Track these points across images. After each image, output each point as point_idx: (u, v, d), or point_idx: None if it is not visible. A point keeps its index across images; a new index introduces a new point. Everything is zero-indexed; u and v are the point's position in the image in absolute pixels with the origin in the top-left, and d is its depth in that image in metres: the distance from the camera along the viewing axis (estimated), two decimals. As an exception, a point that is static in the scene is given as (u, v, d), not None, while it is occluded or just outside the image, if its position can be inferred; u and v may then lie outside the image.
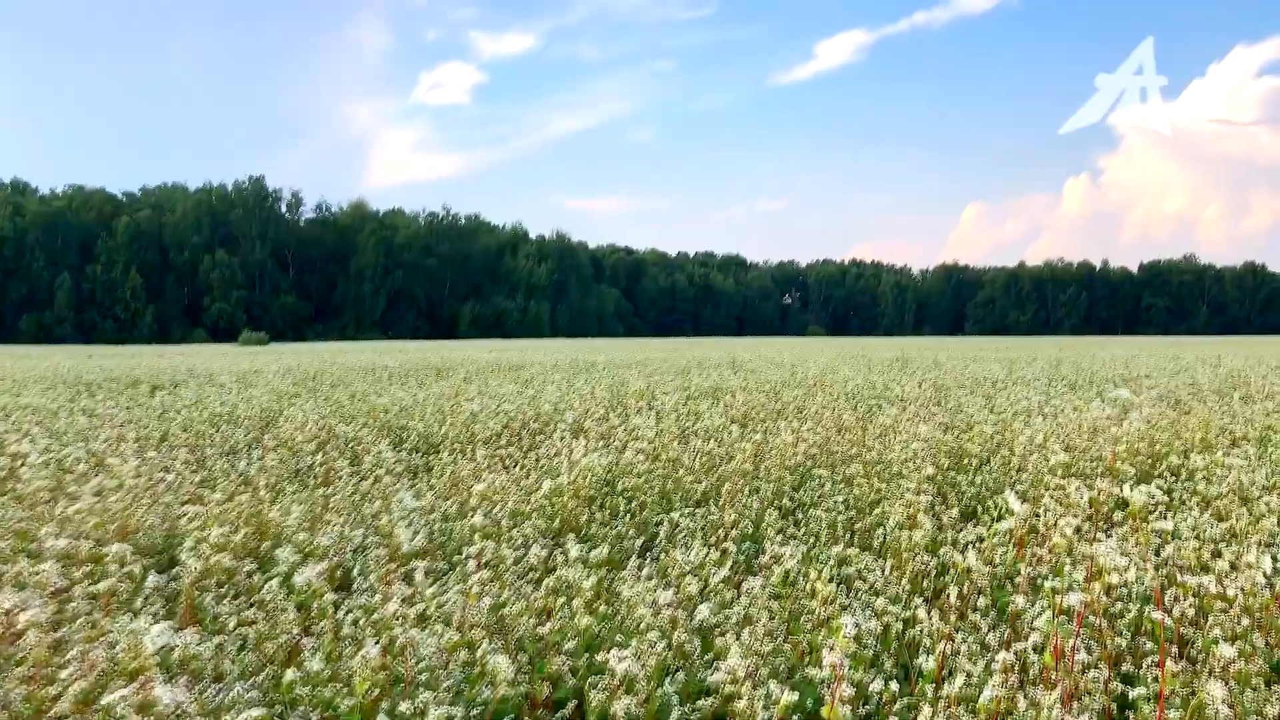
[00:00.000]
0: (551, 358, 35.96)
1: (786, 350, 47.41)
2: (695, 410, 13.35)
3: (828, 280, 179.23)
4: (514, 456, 9.76)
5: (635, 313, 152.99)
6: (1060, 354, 35.92)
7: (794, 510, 7.26)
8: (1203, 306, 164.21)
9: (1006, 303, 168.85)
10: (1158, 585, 4.43)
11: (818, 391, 16.24)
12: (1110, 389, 14.40)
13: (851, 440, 9.94)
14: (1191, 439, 9.19)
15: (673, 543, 6.22)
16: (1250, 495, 6.50)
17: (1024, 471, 7.80)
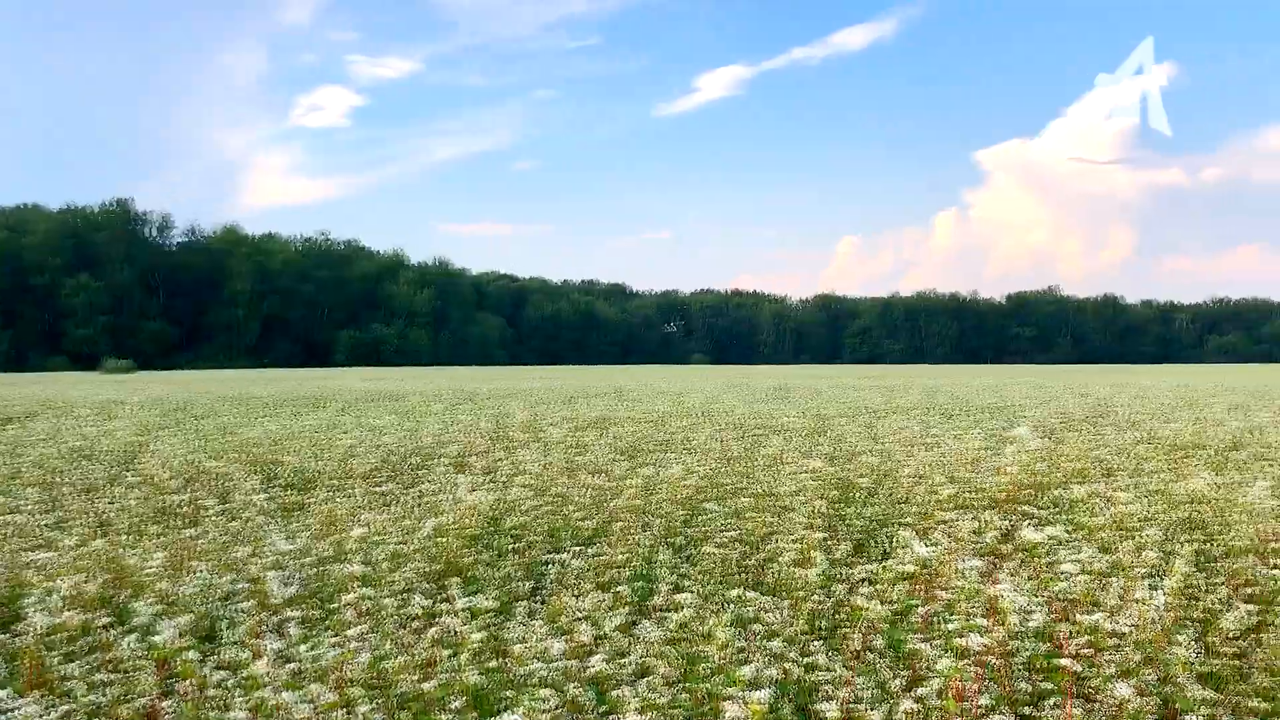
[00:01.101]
0: (432, 387, 35.30)
1: (671, 379, 47.58)
2: (582, 442, 13.15)
3: (710, 309, 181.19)
4: (394, 493, 9.40)
5: (518, 340, 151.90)
6: (934, 383, 36.86)
7: (686, 547, 7.11)
8: (1065, 336, 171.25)
9: (881, 332, 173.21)
10: (1064, 633, 4.40)
11: (704, 422, 16.21)
12: (1009, 426, 14.71)
13: (740, 472, 9.88)
14: (1069, 469, 9.38)
15: (562, 584, 6.00)
16: (1130, 526, 6.62)
17: (911, 504, 7.82)
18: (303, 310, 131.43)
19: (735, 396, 25.59)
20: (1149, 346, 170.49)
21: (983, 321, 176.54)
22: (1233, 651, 4.83)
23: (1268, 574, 5.65)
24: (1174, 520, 7.08)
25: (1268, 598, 5.40)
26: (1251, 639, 4.95)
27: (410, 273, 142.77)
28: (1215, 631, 4.92)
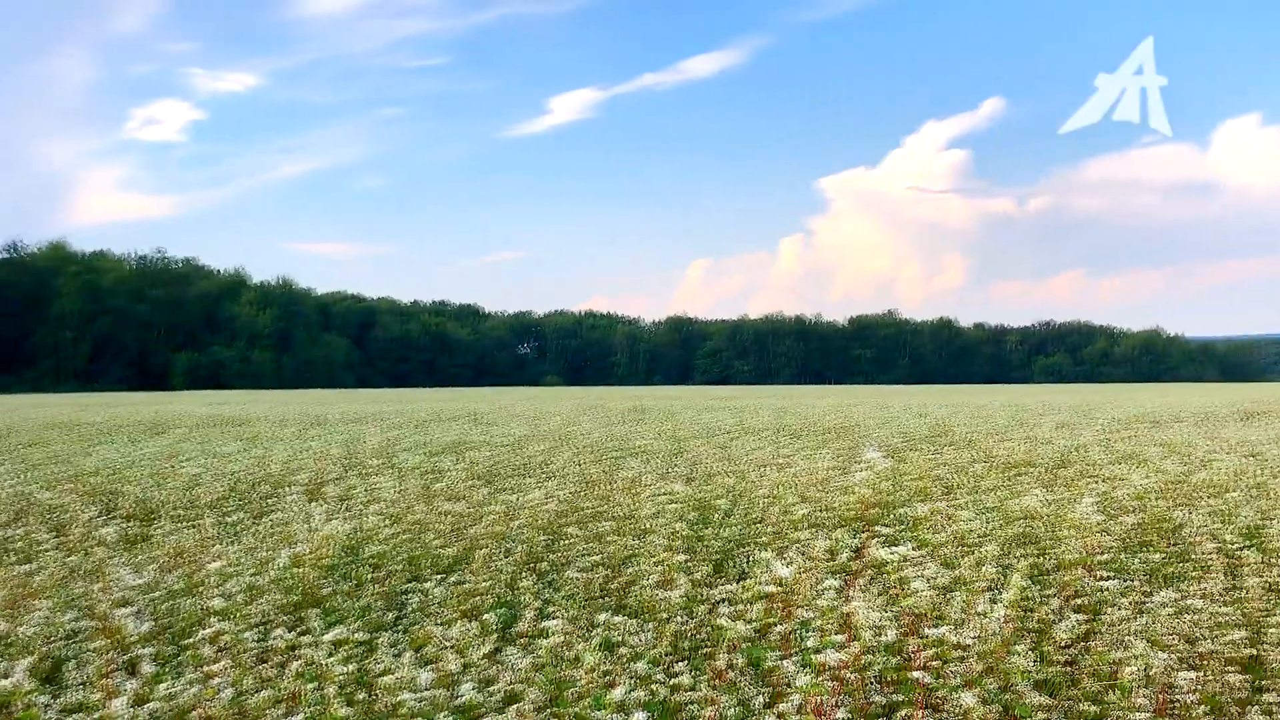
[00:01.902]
0: (278, 411, 34.26)
1: (526, 401, 47.42)
2: (438, 468, 13.02)
3: (563, 331, 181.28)
4: (244, 523, 9.13)
5: (366, 362, 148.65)
6: (783, 404, 37.81)
7: (549, 572, 7.15)
8: (904, 358, 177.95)
9: (731, 353, 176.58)
10: (914, 647, 4.63)
11: (562, 445, 16.26)
12: (855, 447, 15.23)
13: (599, 496, 9.98)
14: (912, 488, 9.81)
15: (425, 613, 5.96)
16: (970, 542, 6.99)
17: (766, 524, 8.05)
18: (137, 332, 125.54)
19: (591, 419, 25.72)
20: (982, 367, 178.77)
21: (827, 343, 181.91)
22: (1065, 659, 5.16)
23: (1095, 585, 6.06)
24: (1010, 536, 7.50)
25: (1095, 607, 5.79)
26: (1081, 647, 5.30)
27: (252, 293, 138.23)
28: (1049, 641, 5.25)
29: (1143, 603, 5.72)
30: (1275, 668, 5.11)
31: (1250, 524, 7.69)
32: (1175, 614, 5.50)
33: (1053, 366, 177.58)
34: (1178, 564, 6.91)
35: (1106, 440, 15.81)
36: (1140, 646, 4.91)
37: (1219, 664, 5.07)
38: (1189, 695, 4.62)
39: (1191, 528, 7.55)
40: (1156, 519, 8.11)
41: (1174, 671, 4.73)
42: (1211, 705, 4.75)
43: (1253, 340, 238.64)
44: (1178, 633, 5.34)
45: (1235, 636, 5.25)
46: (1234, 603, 5.87)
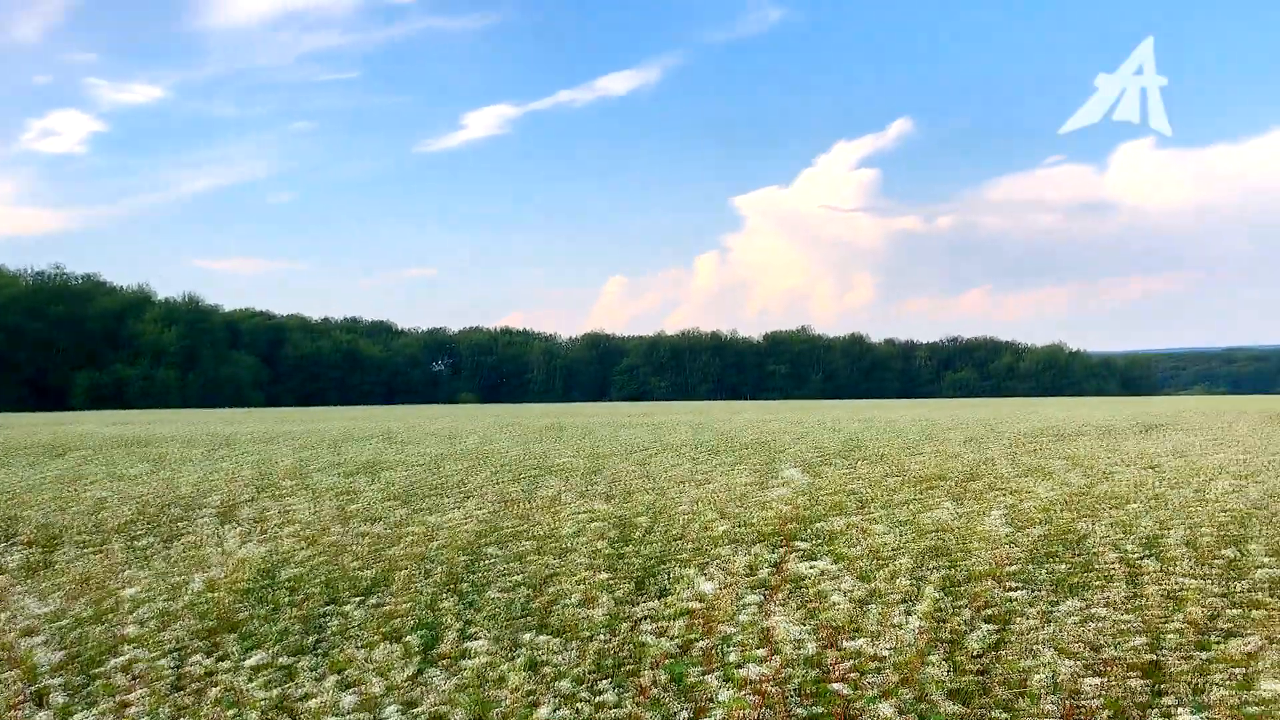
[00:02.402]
0: (186, 431, 33.42)
1: (441, 419, 46.96)
2: (353, 488, 12.86)
3: (478, 347, 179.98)
4: (154, 548, 8.92)
5: (275, 381, 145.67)
6: (700, 419, 38.08)
7: (470, 592, 7.12)
8: (817, 373, 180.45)
9: (648, 370, 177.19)
10: (832, 659, 4.73)
11: (479, 464, 16.16)
12: (772, 462, 15.42)
13: (519, 515, 9.95)
14: (828, 503, 9.99)
15: (346, 636, 5.90)
16: (885, 556, 7.15)
17: (687, 540, 8.13)
18: (33, 350, 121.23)
19: (509, 437, 25.60)
20: (892, 382, 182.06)
21: (742, 359, 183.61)
22: (977, 668, 5.33)
23: (1004, 595, 6.25)
24: (923, 548, 7.69)
25: (1005, 617, 5.97)
26: (992, 656, 5.47)
27: (157, 310, 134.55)
28: (961, 651, 5.41)
29: (1050, 612, 5.92)
30: (1174, 672, 5.33)
31: (1149, 534, 8.00)
32: (1080, 622, 5.70)
33: (961, 381, 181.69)
34: (1082, 574, 7.16)
35: (1013, 454, 16.27)
36: (1048, 654, 5.08)
37: (1121, 670, 5.27)
38: (1094, 700, 4.80)
39: (1095, 538, 7.81)
40: (1062, 530, 8.39)
41: (1080, 678, 4.91)
42: (1115, 710, 4.95)
43: (1150, 355, 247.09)
44: (1083, 640, 5.54)
45: (1136, 643, 5.46)
46: (1135, 610, 6.11)
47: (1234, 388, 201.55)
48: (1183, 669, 5.33)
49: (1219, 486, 9.88)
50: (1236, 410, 38.32)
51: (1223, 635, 5.69)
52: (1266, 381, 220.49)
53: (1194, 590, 6.23)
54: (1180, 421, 29.19)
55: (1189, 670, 5.30)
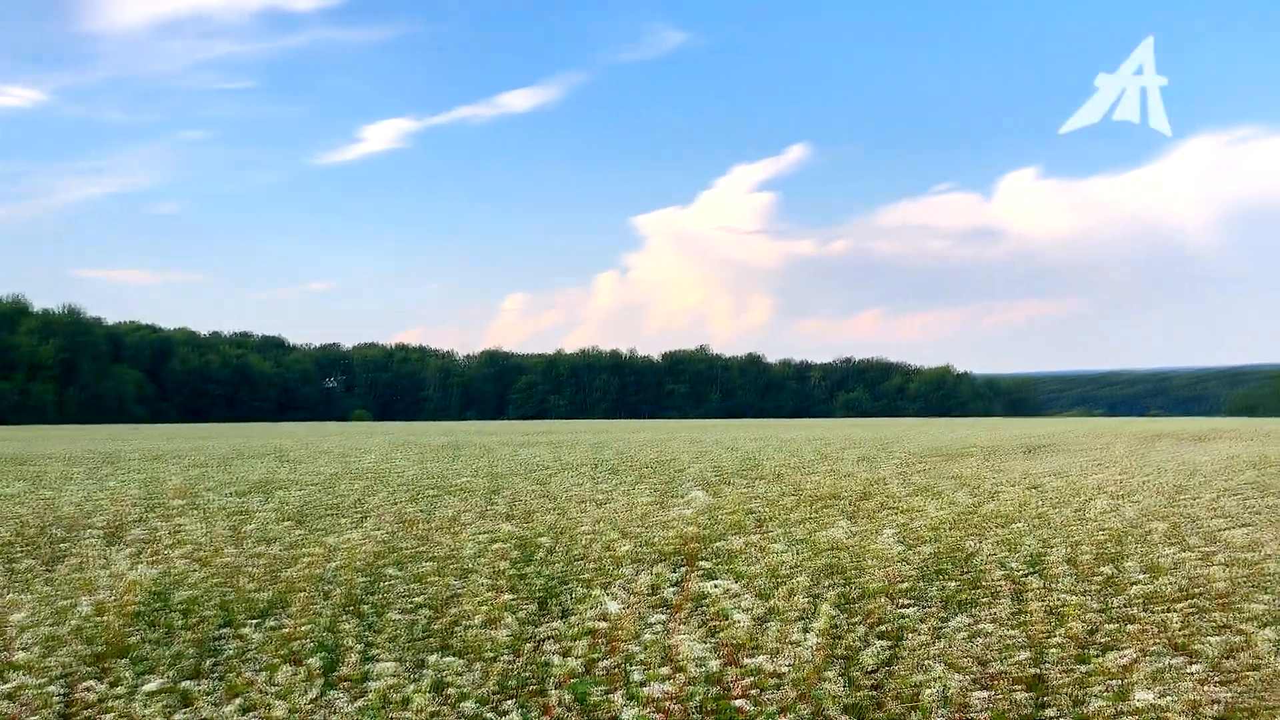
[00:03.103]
0: (66, 449, 32.18)
1: (335, 437, 46.10)
2: (246, 508, 12.57)
3: (373, 364, 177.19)
4: (35, 570, 8.59)
5: (161, 396, 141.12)
6: (599, 439, 38.15)
7: (370, 614, 7.05)
8: (715, 392, 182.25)
9: (546, 388, 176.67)
10: (733, 676, 4.83)
11: (376, 483, 15.95)
12: (672, 481, 15.56)
13: (418, 535, 9.88)
14: (728, 522, 10.15)
15: (243, 660, 5.79)
16: (783, 574, 7.31)
17: (589, 560, 8.18)
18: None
19: (405, 456, 25.29)
20: (788, 401, 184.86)
21: (641, 378, 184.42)
22: (871, 683, 5.50)
23: (896, 612, 6.46)
24: (819, 566, 7.89)
25: (897, 633, 6.17)
26: (885, 671, 5.65)
27: (34, 321, 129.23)
28: (856, 666, 5.58)
29: (940, 628, 6.13)
30: (1056, 685, 5.58)
31: (1033, 552, 8.33)
32: (969, 638, 5.93)
33: (853, 401, 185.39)
34: (970, 590, 7.44)
35: (904, 473, 16.72)
36: (938, 669, 5.27)
37: (1007, 683, 5.50)
38: (981, 713, 5.01)
39: (982, 556, 8.11)
40: (951, 548, 8.69)
41: (968, 692, 5.11)
42: (1001, 721, 5.16)
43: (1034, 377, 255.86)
44: (971, 655, 5.76)
45: (1021, 657, 5.70)
46: (1019, 626, 6.37)
47: (1111, 410, 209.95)
48: (1064, 681, 5.58)
49: (1097, 506, 10.32)
50: (1113, 432, 39.95)
51: (1101, 649, 5.97)
52: (1141, 404, 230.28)
53: (1074, 606, 6.52)
54: (1061, 443, 30.32)
55: (1070, 682, 5.55)
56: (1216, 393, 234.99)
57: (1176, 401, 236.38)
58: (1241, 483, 14.68)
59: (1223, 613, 6.49)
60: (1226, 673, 5.52)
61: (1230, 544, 8.19)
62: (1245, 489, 13.72)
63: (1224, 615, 6.40)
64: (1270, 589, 7.27)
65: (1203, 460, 19.55)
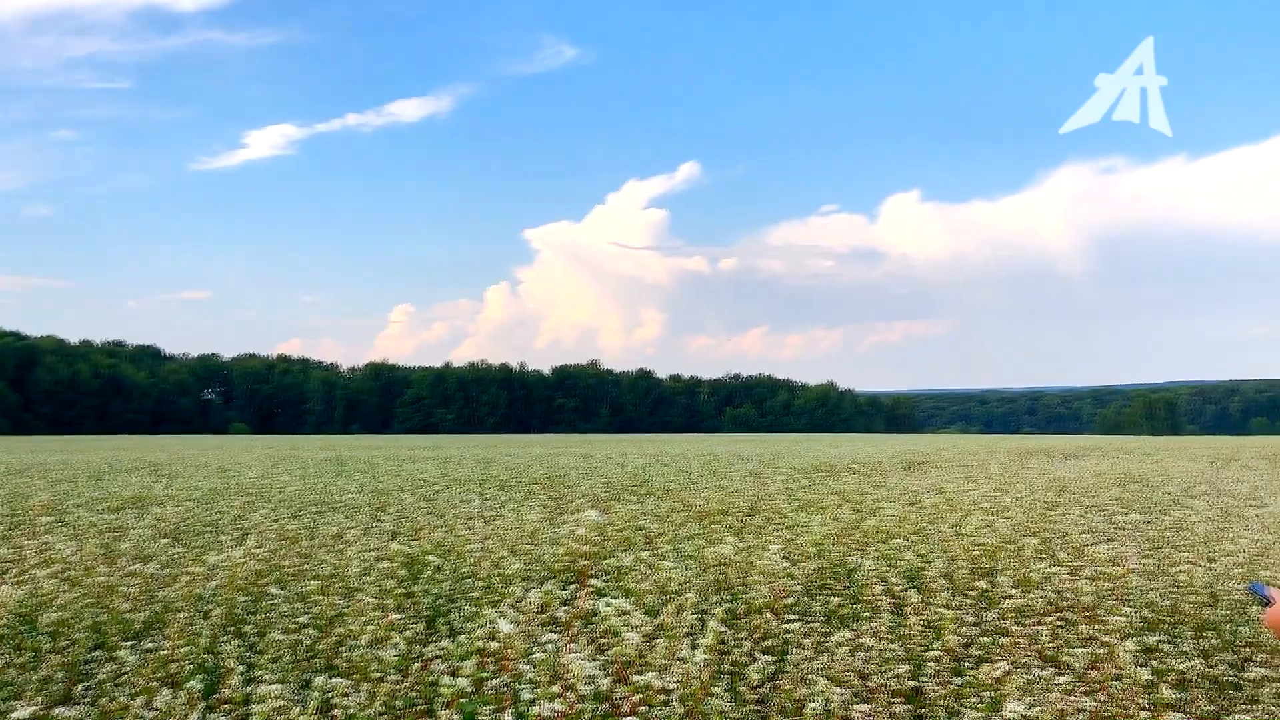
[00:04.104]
0: (-80, 462, 30.51)
1: (213, 451, 44.71)
2: (119, 525, 12.13)
3: (253, 375, 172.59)
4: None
5: (25, 407, 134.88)
6: (488, 454, 37.84)
7: (251, 635, 6.89)
8: (605, 407, 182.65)
9: (433, 401, 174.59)
10: (622, 694, 4.87)
11: (257, 499, 15.55)
12: (561, 498, 15.53)
13: (301, 553, 9.67)
14: (618, 538, 10.20)
15: (117, 684, 5.60)
16: (671, 590, 7.39)
17: (478, 578, 8.13)
18: None
19: (287, 471, 24.69)
20: (677, 416, 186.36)
21: (531, 392, 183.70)
22: (756, 698, 5.61)
23: (781, 627, 6.59)
24: (707, 583, 7.99)
25: (782, 648, 6.30)
26: (770, 685, 5.77)
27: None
28: (742, 682, 5.68)
29: (823, 642, 6.28)
30: (933, 697, 5.78)
31: (912, 567, 8.59)
32: (850, 651, 6.09)
33: (740, 417, 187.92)
34: (852, 605, 7.63)
35: (789, 489, 17.01)
36: (821, 683, 5.40)
37: (887, 696, 5.67)
38: (862, 725, 5.15)
39: (863, 571, 8.32)
40: (834, 564, 8.89)
41: (850, 705, 5.25)
42: (881, 733, 5.31)
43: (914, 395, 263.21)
44: (853, 669, 5.92)
45: (900, 670, 5.89)
46: (899, 639, 6.57)
47: (987, 427, 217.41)
48: (940, 694, 5.78)
49: (973, 521, 10.67)
50: (988, 449, 41.33)
51: (975, 661, 6.20)
52: (1015, 422, 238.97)
53: (951, 620, 6.74)
54: (939, 459, 31.23)
55: (946, 695, 5.75)
56: (1085, 411, 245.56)
57: (1048, 419, 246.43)
58: (1107, 499, 15.35)
59: (1088, 625, 6.78)
60: (1091, 683, 5.78)
61: (1096, 559, 8.55)
62: (1111, 505, 14.35)
63: (1089, 628, 6.70)
64: (1132, 601, 7.63)
65: (1071, 477, 20.37)
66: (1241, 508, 14.12)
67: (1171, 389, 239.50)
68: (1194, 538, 10.46)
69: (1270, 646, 6.71)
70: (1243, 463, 29.63)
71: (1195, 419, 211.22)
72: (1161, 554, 9.43)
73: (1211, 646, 7.01)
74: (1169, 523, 12.15)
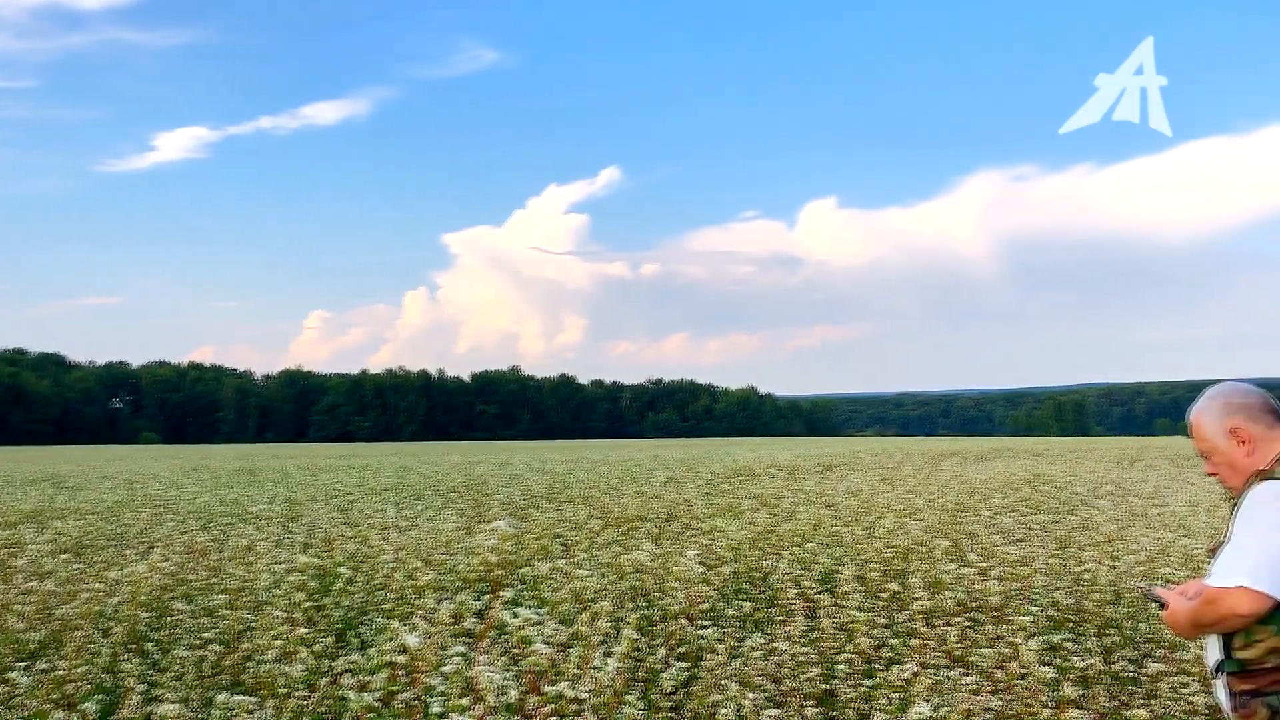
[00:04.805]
0: None
1: (119, 461, 43.46)
2: (16, 540, 11.71)
3: (164, 383, 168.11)
4: None
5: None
6: (406, 461, 37.38)
7: (154, 652, 6.69)
8: (526, 413, 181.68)
9: (350, 409, 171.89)
10: (534, 704, 4.83)
11: (165, 511, 15.14)
12: (478, 506, 15.39)
13: (210, 566, 9.44)
14: (534, 547, 10.14)
15: (10, 706, 5.40)
16: (587, 599, 7.36)
17: (390, 590, 8.01)
18: None
19: (197, 481, 24.10)
20: (599, 422, 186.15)
21: (451, 399, 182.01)
22: (670, 705, 5.61)
23: (695, 633, 6.61)
24: (623, 590, 7.98)
25: (696, 654, 6.32)
26: (684, 692, 5.77)
27: None
28: (656, 689, 5.68)
29: (736, 647, 6.31)
30: (844, 699, 5.84)
31: (826, 570, 8.68)
32: (764, 656, 6.13)
33: (662, 422, 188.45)
34: (766, 610, 7.68)
35: (708, 494, 17.09)
36: (734, 688, 5.42)
37: (799, 699, 5.72)
38: (774, 730, 5.17)
39: (778, 575, 8.39)
40: (749, 568, 8.95)
41: (761, 710, 5.27)
42: (793, 737, 5.35)
43: (831, 399, 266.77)
44: (765, 674, 5.96)
45: (812, 673, 5.94)
46: (811, 643, 6.63)
47: (903, 430, 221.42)
48: (852, 695, 5.85)
49: (886, 524, 10.84)
50: (903, 451, 42.01)
51: (886, 663, 6.28)
52: (930, 424, 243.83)
53: (863, 622, 6.83)
54: (855, 462, 31.66)
55: (857, 697, 5.82)
56: (998, 413, 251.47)
57: (962, 422, 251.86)
58: (1017, 500, 15.70)
59: (995, 625, 6.92)
60: (997, 682, 5.90)
61: (1004, 559, 8.73)
62: (1020, 505, 14.68)
63: (996, 628, 6.83)
64: (1038, 601, 7.81)
65: (983, 479, 20.79)
66: (1145, 507, 14.55)
67: (1080, 391, 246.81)
68: (1099, 537, 10.75)
69: (1169, 642, 6.92)
70: (1147, 463, 30.58)
71: (1103, 420, 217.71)
72: (1068, 554, 9.67)
73: (1114, 643, 7.21)
74: (1075, 523, 12.48)
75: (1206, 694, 5.66)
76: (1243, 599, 3.34)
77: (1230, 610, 3.38)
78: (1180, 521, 12.29)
